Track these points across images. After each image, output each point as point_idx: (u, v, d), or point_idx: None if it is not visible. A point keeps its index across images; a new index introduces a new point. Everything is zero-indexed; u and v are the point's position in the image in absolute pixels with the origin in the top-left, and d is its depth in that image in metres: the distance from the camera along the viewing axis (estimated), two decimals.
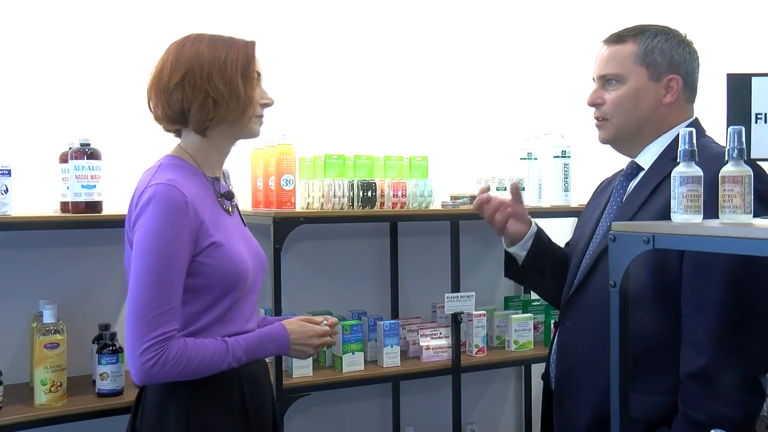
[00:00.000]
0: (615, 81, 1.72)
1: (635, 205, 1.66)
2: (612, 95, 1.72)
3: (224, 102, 1.58)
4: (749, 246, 1.14)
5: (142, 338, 1.47)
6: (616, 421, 1.34)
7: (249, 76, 1.62)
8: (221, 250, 1.56)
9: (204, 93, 1.57)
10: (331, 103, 2.69)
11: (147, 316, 1.47)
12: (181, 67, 1.58)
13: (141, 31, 2.35)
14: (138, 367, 1.48)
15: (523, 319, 2.70)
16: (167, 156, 1.64)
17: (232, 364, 1.57)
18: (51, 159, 2.21)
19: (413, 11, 2.85)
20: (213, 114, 1.59)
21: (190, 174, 1.60)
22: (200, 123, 1.60)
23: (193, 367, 1.51)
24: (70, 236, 2.28)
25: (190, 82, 1.57)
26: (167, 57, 1.62)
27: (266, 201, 2.37)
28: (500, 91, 3.00)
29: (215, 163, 1.68)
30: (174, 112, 1.61)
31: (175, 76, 1.58)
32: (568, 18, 3.13)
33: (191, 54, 1.59)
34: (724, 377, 1.45)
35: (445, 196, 2.61)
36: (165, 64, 1.61)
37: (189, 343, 1.52)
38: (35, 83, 2.26)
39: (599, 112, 1.76)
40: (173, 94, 1.59)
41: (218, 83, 1.58)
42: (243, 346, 1.59)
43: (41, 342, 1.95)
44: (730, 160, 1.24)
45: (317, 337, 1.72)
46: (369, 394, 2.75)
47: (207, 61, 1.58)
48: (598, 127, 1.78)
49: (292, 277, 2.51)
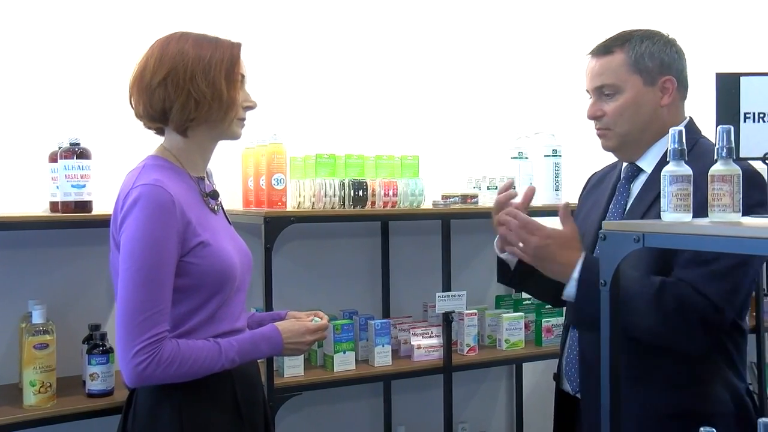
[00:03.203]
0: (611, 92, 1.72)
1: (641, 210, 1.67)
2: (611, 106, 1.72)
3: (206, 103, 1.57)
4: (738, 245, 1.14)
5: (134, 340, 1.46)
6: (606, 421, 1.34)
7: (233, 78, 1.61)
8: (209, 250, 1.56)
9: (186, 93, 1.56)
10: (321, 102, 2.68)
11: (138, 318, 1.46)
12: (164, 65, 1.57)
13: (131, 30, 2.34)
14: (130, 370, 1.47)
15: (514, 318, 2.71)
16: (150, 156, 1.63)
17: (225, 365, 1.57)
18: (40, 158, 2.19)
19: (404, 11, 2.85)
20: (194, 114, 1.58)
21: (174, 174, 1.59)
22: (181, 123, 1.59)
23: (185, 368, 1.50)
24: (60, 236, 2.27)
25: (173, 81, 1.56)
26: (151, 54, 1.60)
27: (257, 200, 2.37)
28: (491, 91, 3.00)
29: (198, 163, 1.67)
30: (155, 111, 1.60)
31: (158, 75, 1.57)
32: (558, 18, 3.14)
33: (175, 53, 1.58)
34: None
35: (436, 196, 2.61)
36: (148, 62, 1.59)
37: (181, 344, 1.51)
38: (24, 82, 2.24)
39: (600, 123, 1.75)
40: (155, 93, 1.57)
41: (201, 84, 1.56)
42: (236, 347, 1.58)
43: (30, 342, 1.94)
44: (719, 159, 1.25)
45: (309, 333, 1.72)
46: (360, 394, 2.75)
47: (191, 60, 1.57)
48: (600, 137, 1.78)
49: (283, 276, 2.50)
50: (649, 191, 1.69)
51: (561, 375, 1.88)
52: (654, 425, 1.61)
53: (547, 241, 1.60)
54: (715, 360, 1.63)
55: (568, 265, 1.59)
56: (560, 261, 1.60)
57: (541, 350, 2.71)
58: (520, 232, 1.63)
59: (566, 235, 1.62)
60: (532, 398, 3.05)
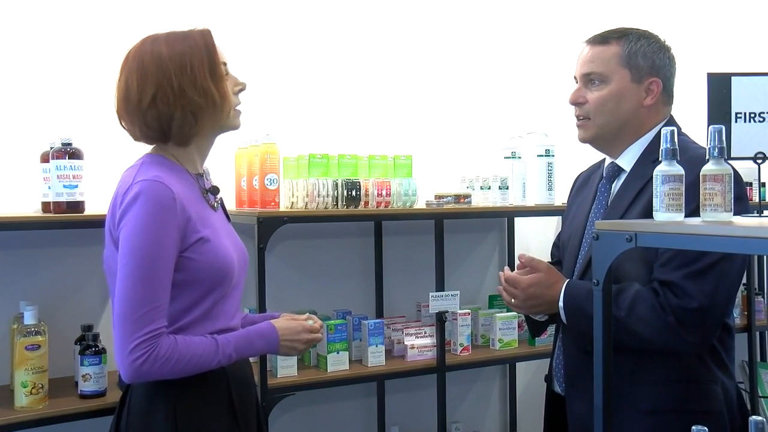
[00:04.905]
0: (598, 81, 1.74)
1: (621, 208, 1.69)
2: (595, 95, 1.74)
3: (202, 111, 1.56)
4: (730, 244, 1.15)
5: (131, 336, 1.45)
6: (599, 419, 1.35)
7: (217, 74, 1.59)
8: (208, 246, 1.55)
9: (181, 108, 1.55)
10: (315, 102, 2.68)
11: (136, 313, 1.46)
12: (148, 83, 1.54)
13: (123, 30, 2.33)
14: (127, 365, 1.47)
15: (507, 317, 2.71)
16: (148, 155, 1.62)
17: (222, 361, 1.56)
18: (32, 159, 2.18)
19: (397, 11, 2.85)
20: (196, 128, 1.58)
21: (173, 171, 1.59)
22: (183, 137, 1.59)
23: (183, 364, 1.50)
24: (52, 236, 2.26)
25: (163, 99, 1.54)
26: (129, 72, 1.57)
27: (250, 200, 2.36)
28: (484, 91, 3.01)
29: (196, 160, 1.67)
30: (153, 131, 1.58)
31: (146, 96, 1.54)
32: (551, 18, 3.15)
33: (155, 69, 1.54)
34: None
35: (429, 195, 2.61)
36: (130, 81, 1.56)
37: (179, 340, 1.51)
38: (15, 82, 2.23)
39: (581, 110, 1.78)
40: (148, 114, 1.56)
41: (192, 96, 1.55)
42: (232, 343, 1.58)
43: (22, 343, 1.93)
44: (711, 158, 1.25)
45: (306, 332, 1.72)
46: (354, 394, 2.75)
47: (174, 74, 1.54)
48: (579, 126, 1.80)
49: (276, 276, 2.50)
50: (628, 190, 1.71)
51: (552, 376, 1.89)
52: (644, 423, 1.62)
53: (530, 289, 1.73)
54: (703, 358, 1.64)
55: (553, 302, 1.71)
56: (546, 300, 1.72)
57: (535, 350, 2.72)
58: (508, 289, 1.78)
59: (544, 274, 1.74)
60: (525, 398, 3.05)
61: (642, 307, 1.56)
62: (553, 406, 1.89)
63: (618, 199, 1.72)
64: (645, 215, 1.57)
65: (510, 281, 1.77)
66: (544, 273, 1.74)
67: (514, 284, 1.76)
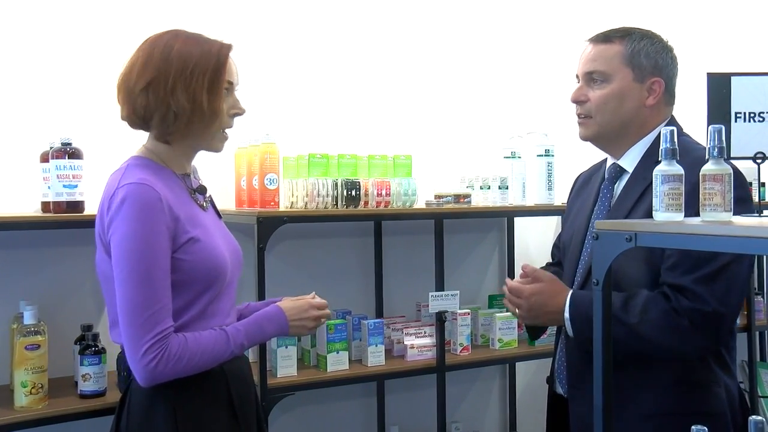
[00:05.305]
0: (600, 79, 1.74)
1: (624, 210, 1.69)
2: (597, 93, 1.74)
3: (185, 117, 1.56)
4: (729, 244, 1.15)
5: (141, 340, 1.46)
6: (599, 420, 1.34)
7: (216, 89, 1.58)
8: (199, 245, 1.55)
9: (166, 105, 1.55)
10: (315, 102, 2.68)
11: (141, 317, 1.46)
12: (148, 71, 1.55)
13: (123, 30, 2.33)
14: (141, 369, 1.47)
15: (507, 317, 2.71)
16: (133, 157, 1.62)
17: (235, 351, 1.57)
18: (32, 158, 2.18)
19: (397, 11, 2.85)
20: (173, 128, 1.57)
21: (159, 172, 1.58)
22: (161, 133, 1.59)
23: (196, 360, 1.50)
24: (52, 236, 2.26)
25: (155, 91, 1.55)
26: (139, 55, 1.59)
27: (250, 200, 2.36)
28: (484, 91, 3.00)
29: (183, 162, 1.66)
30: (137, 117, 1.59)
31: (141, 81, 1.55)
32: (551, 18, 3.15)
33: (160, 59, 1.55)
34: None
35: (429, 195, 2.61)
36: (135, 63, 1.58)
37: (188, 337, 1.51)
38: (15, 82, 2.23)
39: (582, 109, 1.77)
40: (138, 100, 1.57)
41: (181, 98, 1.55)
42: (243, 332, 1.59)
43: (22, 343, 1.93)
44: (711, 158, 1.25)
45: (313, 308, 1.72)
46: (354, 394, 2.75)
47: (174, 70, 1.55)
48: (580, 124, 1.80)
49: (276, 276, 2.50)
50: (631, 191, 1.70)
51: (553, 377, 1.88)
52: (645, 424, 1.62)
53: (533, 298, 1.72)
54: (706, 360, 1.64)
55: (558, 312, 1.69)
56: (551, 310, 1.71)
57: (534, 350, 2.71)
58: (511, 299, 1.77)
59: (548, 284, 1.73)
60: (525, 398, 3.05)
61: (654, 311, 1.55)
62: (555, 408, 1.88)
63: (621, 201, 1.72)
64: (648, 217, 1.57)
65: (513, 291, 1.77)
66: (547, 283, 1.73)
67: (517, 294, 1.76)
